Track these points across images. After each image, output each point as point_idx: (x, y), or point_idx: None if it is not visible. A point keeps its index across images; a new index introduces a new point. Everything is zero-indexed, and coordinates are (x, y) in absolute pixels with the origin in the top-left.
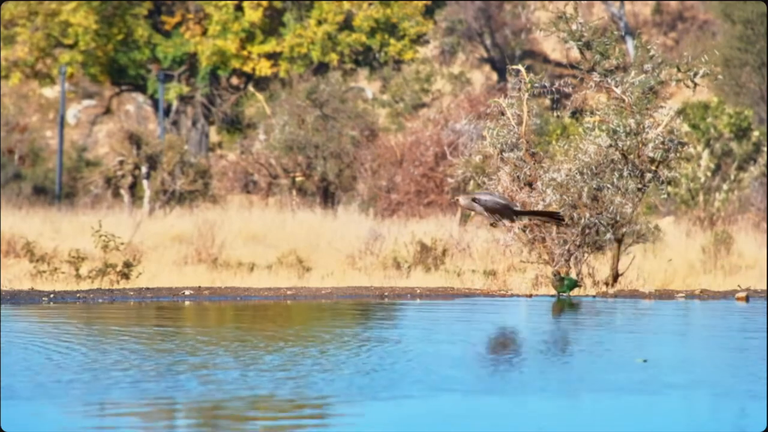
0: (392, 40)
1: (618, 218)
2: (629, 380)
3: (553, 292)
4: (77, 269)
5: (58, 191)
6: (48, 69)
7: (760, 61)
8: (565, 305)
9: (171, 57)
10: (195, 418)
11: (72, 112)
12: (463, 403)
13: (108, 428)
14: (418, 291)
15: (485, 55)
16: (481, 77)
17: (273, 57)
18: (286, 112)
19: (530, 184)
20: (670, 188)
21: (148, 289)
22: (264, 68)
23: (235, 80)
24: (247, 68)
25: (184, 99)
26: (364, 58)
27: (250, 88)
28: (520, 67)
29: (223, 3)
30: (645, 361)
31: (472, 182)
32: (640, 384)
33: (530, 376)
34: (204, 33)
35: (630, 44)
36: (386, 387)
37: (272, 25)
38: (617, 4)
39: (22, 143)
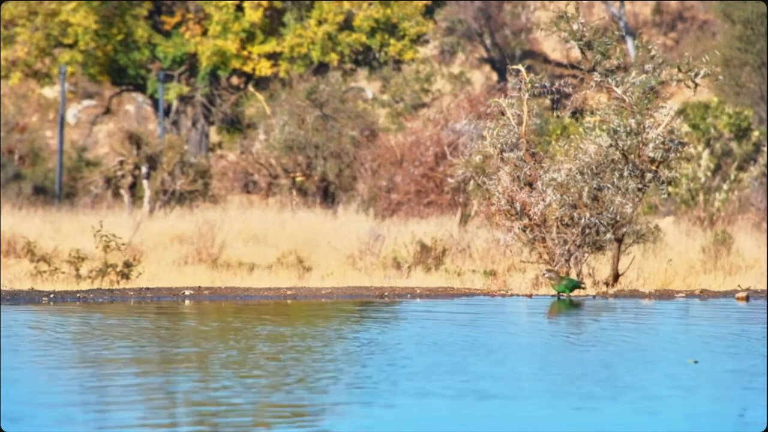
0: (392, 40)
1: (618, 218)
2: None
3: (554, 292)
4: (77, 269)
5: (58, 191)
6: (48, 69)
7: (760, 61)
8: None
9: (171, 57)
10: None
11: (72, 112)
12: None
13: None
14: (418, 291)
15: (485, 55)
16: (481, 77)
17: (273, 57)
18: (286, 112)
19: (530, 184)
20: (670, 188)
21: (148, 289)
22: (264, 68)
23: (235, 80)
24: (247, 68)
25: (184, 99)
26: (364, 58)
27: (250, 88)
28: (520, 67)
29: (223, 3)
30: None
31: (472, 182)
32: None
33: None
34: (204, 33)
35: (630, 44)
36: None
37: (272, 25)
38: (617, 4)
39: (22, 143)
